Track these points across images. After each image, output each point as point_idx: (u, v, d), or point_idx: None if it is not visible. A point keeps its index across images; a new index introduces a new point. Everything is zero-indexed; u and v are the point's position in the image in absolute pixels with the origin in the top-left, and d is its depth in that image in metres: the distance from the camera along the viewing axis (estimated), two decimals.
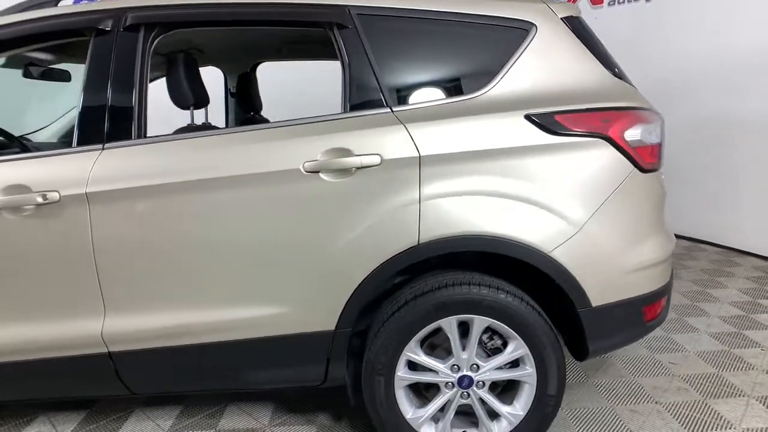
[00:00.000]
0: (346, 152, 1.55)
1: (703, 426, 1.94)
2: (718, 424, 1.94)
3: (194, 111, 1.95)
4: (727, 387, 2.19)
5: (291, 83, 3.96)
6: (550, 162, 1.58)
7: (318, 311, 1.62)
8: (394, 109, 1.61)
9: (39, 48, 1.95)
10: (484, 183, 1.56)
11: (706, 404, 2.08)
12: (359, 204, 1.56)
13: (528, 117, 1.58)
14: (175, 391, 1.77)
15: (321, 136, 1.57)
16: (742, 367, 2.34)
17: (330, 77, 4.23)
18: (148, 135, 1.63)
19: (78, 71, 2.52)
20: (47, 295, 1.61)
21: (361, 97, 1.63)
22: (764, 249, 3.81)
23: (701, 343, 2.58)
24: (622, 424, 1.97)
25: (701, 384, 2.22)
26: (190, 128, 1.87)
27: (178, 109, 1.91)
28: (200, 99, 1.90)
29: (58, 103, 2.82)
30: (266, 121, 2.75)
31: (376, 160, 1.55)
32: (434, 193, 1.55)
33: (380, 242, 1.56)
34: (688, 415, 2.01)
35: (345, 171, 1.55)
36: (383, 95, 1.62)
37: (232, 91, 2.99)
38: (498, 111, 1.59)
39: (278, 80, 3.55)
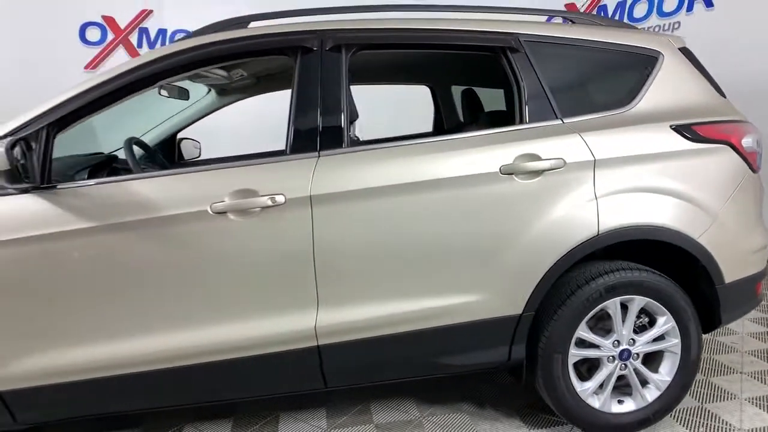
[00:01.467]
0: (536, 157, 1.81)
1: None
2: None
3: None
4: None
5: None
6: (691, 164, 1.91)
7: (509, 297, 1.84)
8: (564, 121, 1.90)
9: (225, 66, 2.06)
10: (644, 181, 1.87)
11: None
12: (547, 201, 1.81)
13: (672, 127, 1.92)
14: (366, 382, 1.90)
15: (512, 144, 1.82)
16: None
17: None
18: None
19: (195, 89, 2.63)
20: (266, 292, 1.72)
21: (536, 111, 1.90)
22: None
23: (747, 326, 3.01)
24: (724, 390, 2.30)
25: (767, 356, 2.62)
26: (358, 141, 2.02)
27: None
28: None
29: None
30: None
31: (561, 163, 1.81)
32: (607, 191, 1.84)
33: (566, 233, 1.81)
34: None
35: (535, 173, 1.80)
36: (554, 109, 1.90)
37: None
38: (647, 122, 1.92)
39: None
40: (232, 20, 1.92)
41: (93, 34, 5.68)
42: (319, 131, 1.76)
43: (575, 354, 1.91)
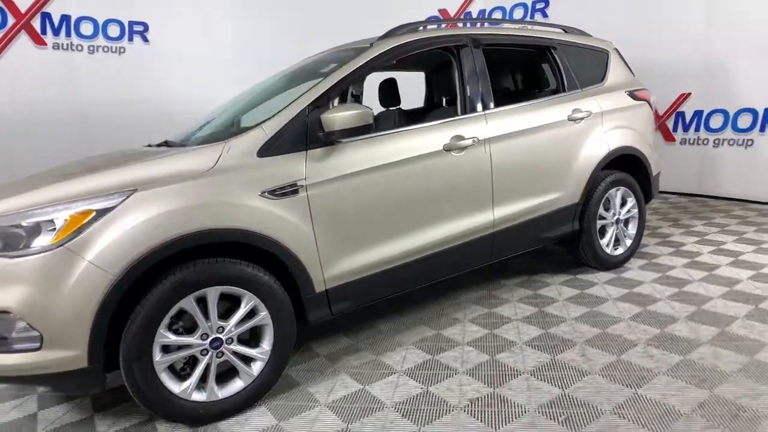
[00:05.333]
0: (579, 110, 3.15)
1: None
2: None
3: None
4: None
5: None
6: (635, 113, 3.51)
7: (575, 192, 3.16)
8: (582, 90, 3.28)
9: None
10: (621, 123, 3.38)
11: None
12: (587, 135, 3.18)
13: (627, 92, 3.48)
14: (509, 255, 3.01)
15: (567, 104, 3.13)
16: None
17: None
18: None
19: None
20: (470, 199, 2.69)
21: (569, 84, 3.24)
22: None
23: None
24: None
25: None
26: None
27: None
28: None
29: None
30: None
31: (589, 114, 3.20)
32: (608, 128, 3.29)
33: (596, 152, 3.21)
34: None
35: (580, 119, 3.15)
36: (576, 83, 3.27)
37: (353, 93, 3.97)
38: (615, 90, 3.44)
39: None
40: (407, 25, 2.78)
41: None
42: (481, 97, 2.79)
43: (598, 223, 3.35)
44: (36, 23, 5.36)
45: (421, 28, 2.83)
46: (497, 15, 7.17)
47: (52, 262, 1.75)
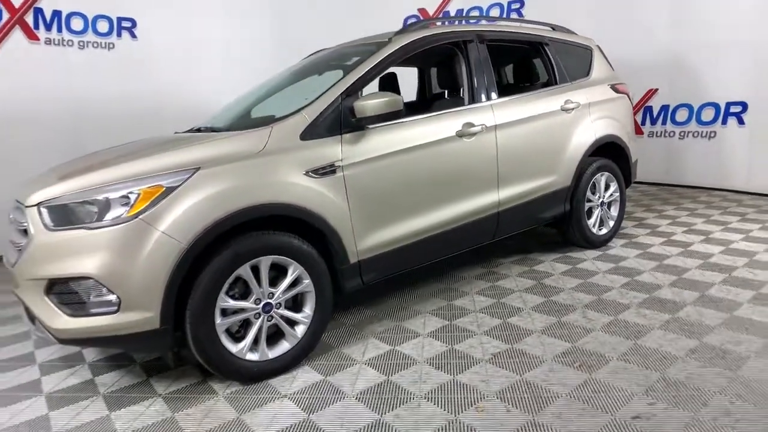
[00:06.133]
0: (570, 101, 3.48)
1: None
2: None
3: None
4: None
5: None
6: (617, 104, 3.87)
7: (566, 176, 3.48)
8: (571, 83, 3.62)
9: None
10: (605, 113, 3.73)
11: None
12: (576, 124, 3.51)
13: (609, 86, 3.84)
14: (511, 233, 3.31)
15: (560, 95, 3.46)
16: None
17: None
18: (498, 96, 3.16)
19: None
20: (479, 180, 2.97)
21: (560, 77, 3.57)
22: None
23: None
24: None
25: None
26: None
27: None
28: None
29: None
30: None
31: (578, 105, 3.53)
32: (595, 118, 3.64)
33: (585, 140, 3.55)
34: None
35: (570, 110, 3.48)
36: (566, 76, 3.61)
37: None
38: (599, 84, 3.79)
39: None
40: (418, 22, 3.04)
41: None
42: (486, 88, 3.08)
43: (586, 205, 3.69)
44: (29, 18, 5.36)
45: (438, 23, 3.11)
46: (474, 14, 7.50)
47: (129, 232, 1.93)
